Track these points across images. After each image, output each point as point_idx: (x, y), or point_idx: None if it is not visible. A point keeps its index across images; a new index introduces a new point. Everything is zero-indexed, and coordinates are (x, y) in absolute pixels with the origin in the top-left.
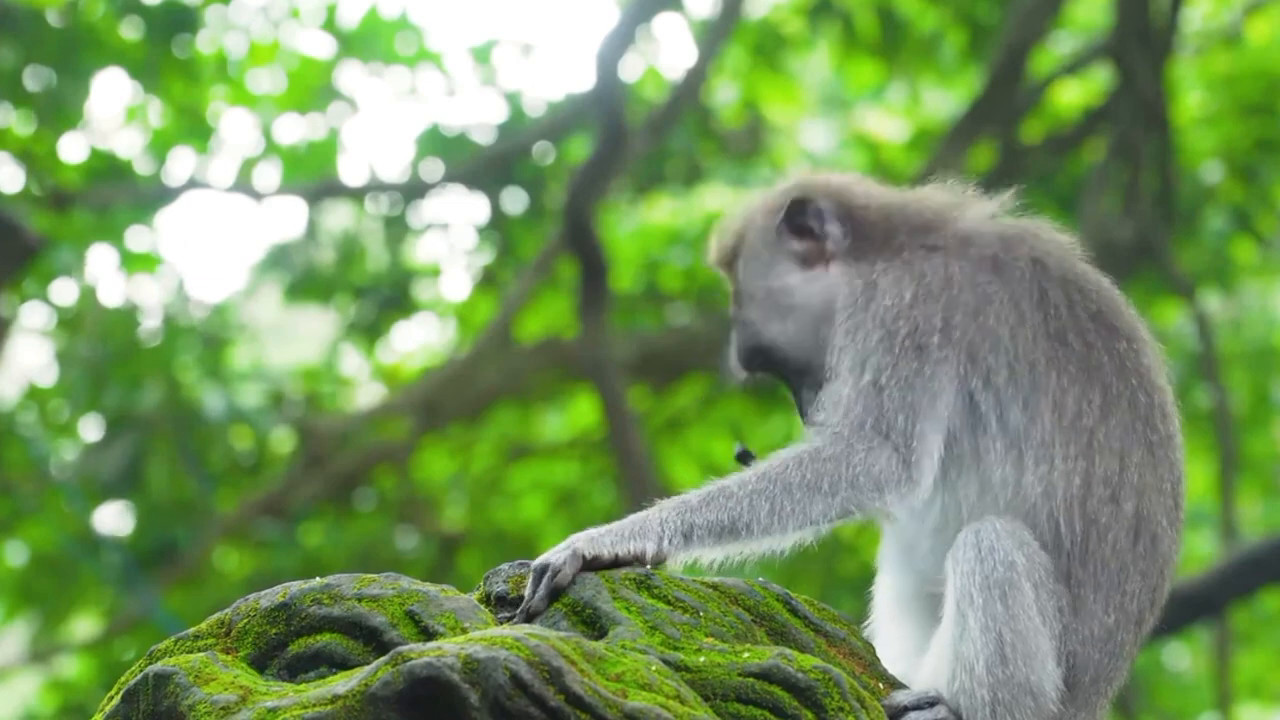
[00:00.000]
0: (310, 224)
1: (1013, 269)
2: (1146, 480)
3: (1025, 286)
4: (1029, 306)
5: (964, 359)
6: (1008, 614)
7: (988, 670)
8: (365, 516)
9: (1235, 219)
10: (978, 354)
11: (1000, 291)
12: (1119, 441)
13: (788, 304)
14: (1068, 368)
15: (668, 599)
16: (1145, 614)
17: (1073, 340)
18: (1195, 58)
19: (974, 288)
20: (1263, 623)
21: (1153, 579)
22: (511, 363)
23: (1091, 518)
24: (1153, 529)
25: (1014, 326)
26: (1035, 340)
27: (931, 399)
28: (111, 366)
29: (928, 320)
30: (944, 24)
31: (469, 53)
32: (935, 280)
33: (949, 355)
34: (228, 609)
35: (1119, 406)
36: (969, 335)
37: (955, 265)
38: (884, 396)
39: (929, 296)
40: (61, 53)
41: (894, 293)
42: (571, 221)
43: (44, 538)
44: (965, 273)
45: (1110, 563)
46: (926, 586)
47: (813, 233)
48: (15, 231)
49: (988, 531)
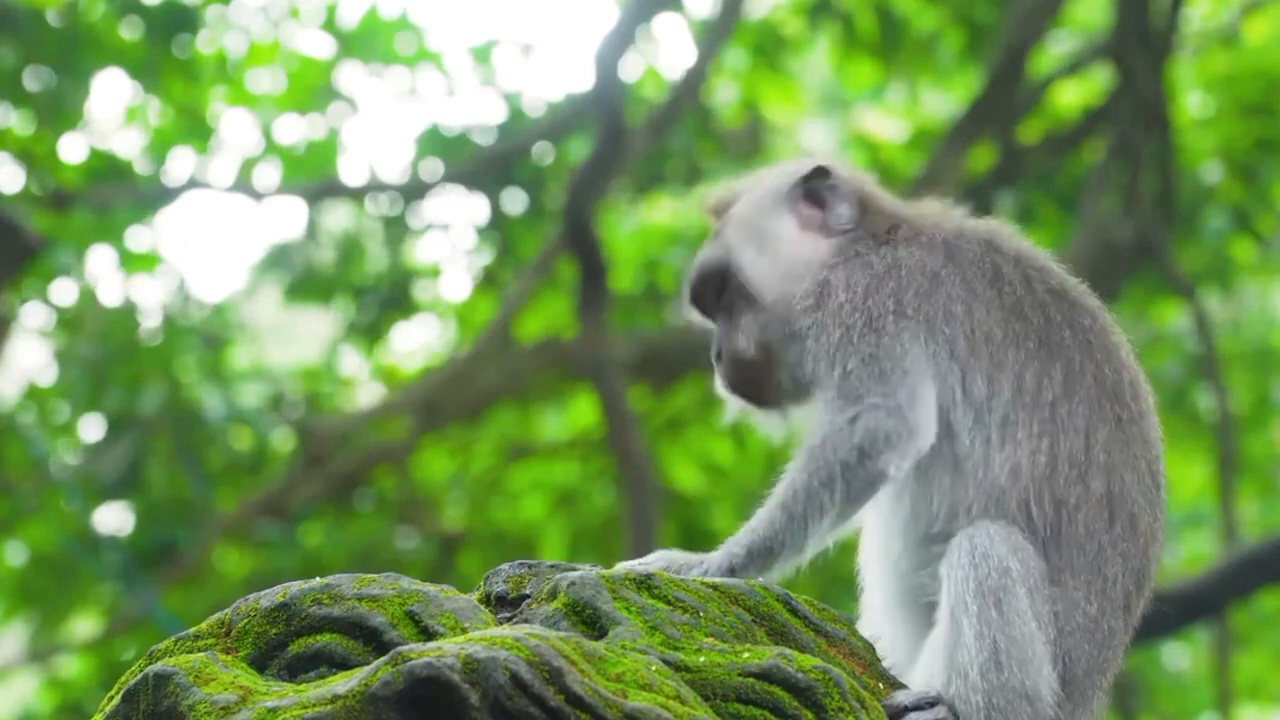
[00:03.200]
0: (310, 224)
1: (964, 250)
2: (1116, 458)
3: (977, 265)
4: (981, 283)
5: (923, 330)
6: (1002, 620)
7: (982, 676)
8: (365, 516)
9: (1235, 219)
10: (935, 326)
11: (950, 271)
12: (1083, 419)
13: (774, 245)
14: (1026, 343)
15: (668, 599)
16: (1131, 598)
17: (1030, 315)
18: (1193, 58)
19: (922, 269)
20: (1261, 623)
21: (1135, 560)
22: (511, 363)
23: (1060, 498)
24: (1129, 508)
25: (967, 302)
26: (990, 314)
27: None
28: (111, 366)
29: (880, 305)
30: (942, 24)
31: (469, 53)
32: (882, 267)
33: (907, 326)
34: (228, 609)
35: (1083, 382)
36: (923, 312)
37: (904, 251)
38: (853, 378)
39: (879, 285)
40: (61, 53)
41: (845, 288)
42: (571, 221)
43: (44, 537)
44: (915, 257)
45: (1086, 545)
46: (913, 592)
47: (823, 204)
48: (15, 231)
49: (982, 537)
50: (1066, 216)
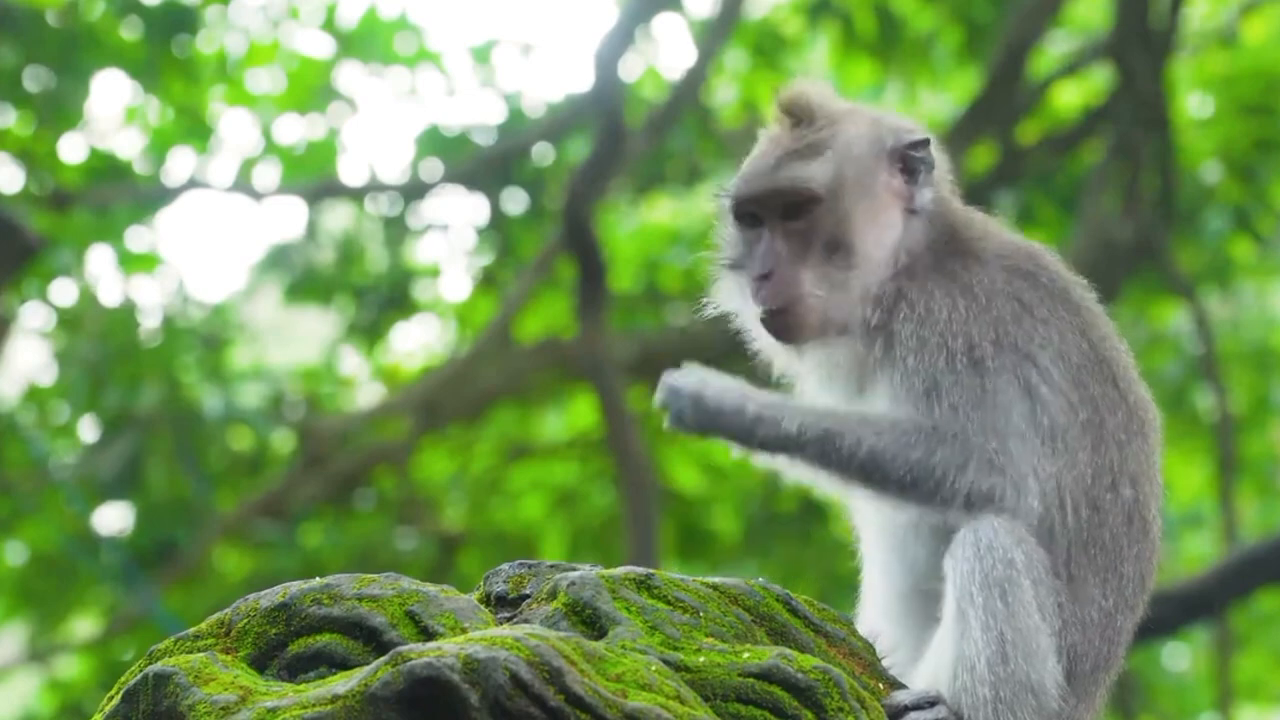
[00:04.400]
0: (310, 224)
1: (1040, 276)
2: (1140, 467)
3: (1054, 291)
4: (1064, 309)
5: (1021, 361)
6: (1008, 612)
7: (989, 669)
8: (365, 517)
9: (1234, 219)
10: (1032, 354)
11: (1034, 296)
12: (1123, 432)
13: (871, 200)
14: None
15: (668, 599)
16: (1138, 600)
17: (1094, 338)
18: (1192, 58)
19: (1017, 298)
20: (1259, 623)
21: (1144, 564)
22: (511, 363)
23: (1095, 504)
24: (1145, 514)
25: (1054, 326)
26: (1067, 338)
27: (1006, 407)
28: (111, 367)
29: (981, 333)
30: (940, 23)
31: (469, 53)
32: (981, 292)
33: (1005, 363)
34: (228, 609)
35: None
36: (1017, 339)
37: (996, 274)
38: (960, 416)
39: (980, 312)
40: (61, 53)
41: (950, 307)
42: (570, 222)
43: (44, 538)
44: (1006, 282)
45: (1109, 547)
46: (922, 585)
47: (915, 177)
48: (15, 231)
49: (986, 529)
50: (1066, 216)
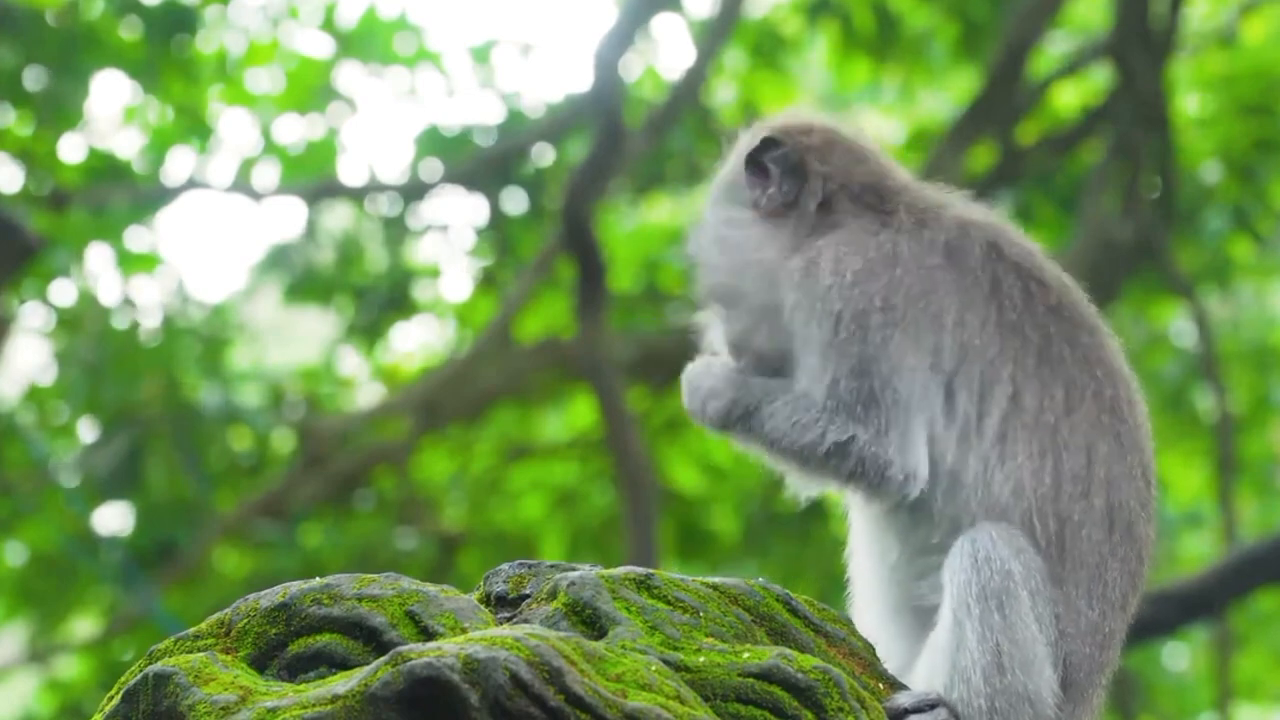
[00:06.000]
0: (310, 224)
1: (966, 253)
2: (1114, 471)
3: (976, 273)
4: (979, 294)
5: (909, 337)
6: (1005, 624)
7: (984, 680)
8: (365, 517)
9: (1234, 218)
10: (921, 333)
11: (947, 275)
12: (1085, 436)
13: (730, 244)
14: (1025, 360)
15: (668, 599)
16: (1128, 597)
17: (1030, 333)
18: (1192, 58)
19: (920, 267)
20: (1259, 623)
21: (1132, 564)
22: (511, 363)
23: (1064, 516)
24: (1127, 517)
25: (960, 312)
26: (985, 329)
27: (889, 375)
28: (110, 367)
29: (868, 300)
30: (936, 21)
31: (468, 53)
32: (878, 255)
33: (893, 333)
34: (228, 609)
35: (1083, 400)
36: (910, 316)
37: (904, 242)
38: (843, 390)
39: (870, 275)
40: (61, 53)
41: (834, 271)
42: (569, 222)
43: (44, 538)
44: (912, 251)
45: (1088, 558)
46: (910, 599)
47: (767, 178)
48: (15, 231)
49: (984, 539)
50: (1066, 216)
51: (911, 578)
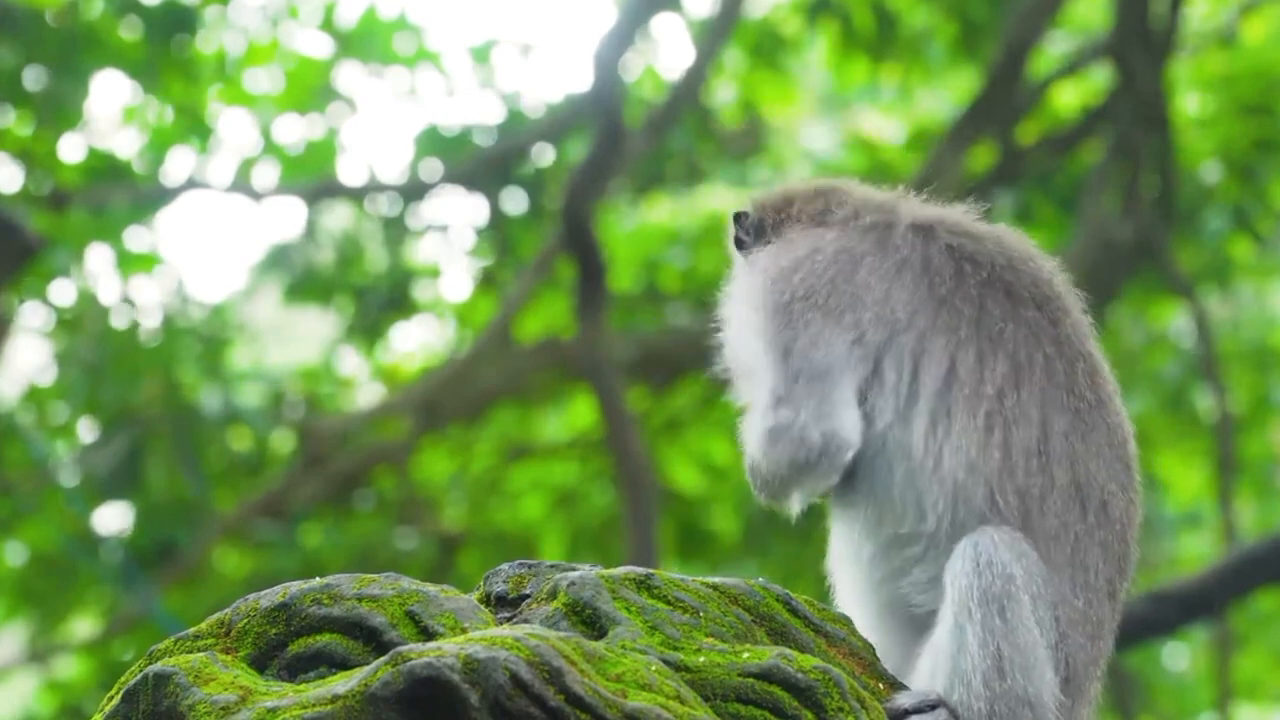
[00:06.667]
0: (309, 224)
1: (892, 237)
2: (1078, 447)
3: (905, 255)
4: (910, 274)
5: (832, 317)
6: (1006, 628)
7: (985, 684)
8: (365, 517)
9: (1234, 218)
10: (843, 312)
11: (873, 258)
12: (1036, 410)
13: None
14: (955, 333)
15: (668, 599)
16: (1115, 584)
17: (962, 306)
18: (1191, 58)
19: (843, 253)
20: (1259, 623)
21: (1114, 547)
22: (511, 363)
23: (1022, 490)
24: (1100, 496)
25: (886, 290)
26: (913, 305)
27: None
28: (110, 367)
29: (791, 289)
30: (935, 20)
31: (468, 53)
32: (804, 250)
33: (815, 316)
34: (228, 609)
35: (1031, 375)
36: (833, 298)
37: (829, 234)
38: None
39: (795, 267)
40: (61, 53)
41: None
42: (569, 222)
43: (44, 538)
44: (838, 241)
45: (1061, 537)
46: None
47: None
48: (15, 231)
49: (985, 543)
50: (1066, 216)
51: (890, 576)
